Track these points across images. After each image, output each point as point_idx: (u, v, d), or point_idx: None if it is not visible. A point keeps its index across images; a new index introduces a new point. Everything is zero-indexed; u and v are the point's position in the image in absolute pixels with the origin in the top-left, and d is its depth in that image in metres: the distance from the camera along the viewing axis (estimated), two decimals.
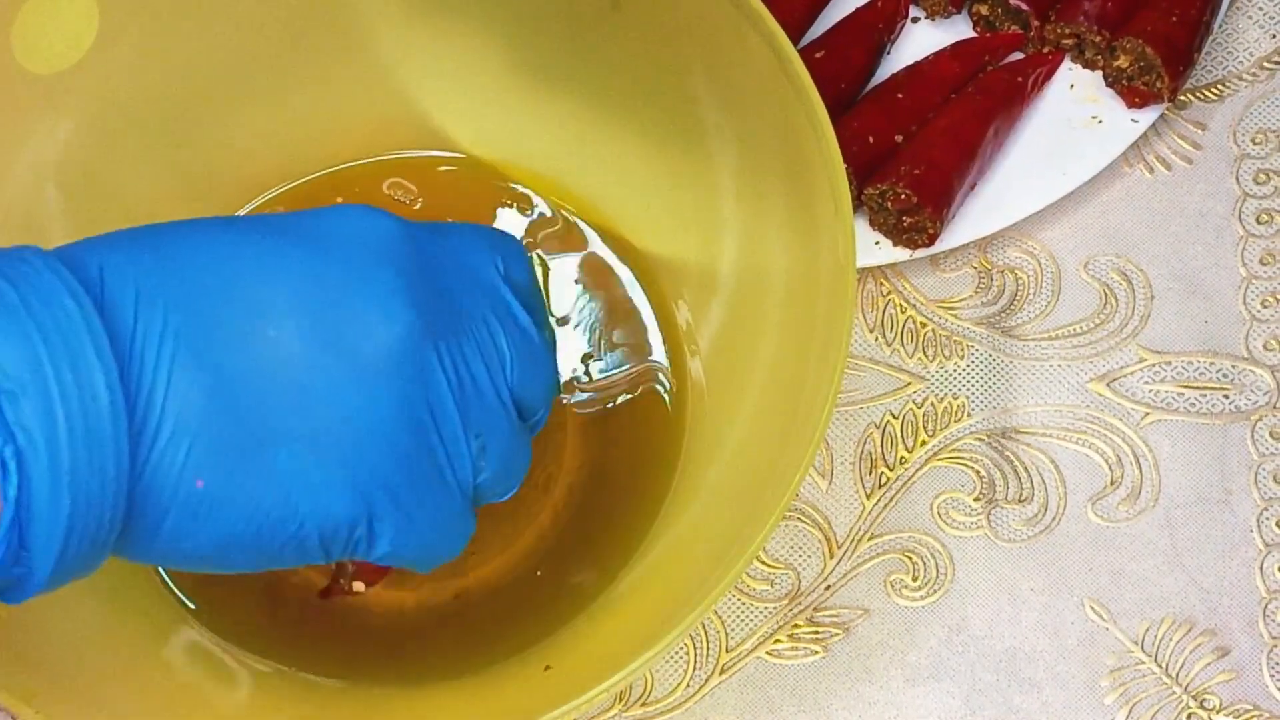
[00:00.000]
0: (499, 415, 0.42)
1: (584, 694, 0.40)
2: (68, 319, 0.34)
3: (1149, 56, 0.61)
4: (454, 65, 0.56)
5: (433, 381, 0.40)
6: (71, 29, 0.49)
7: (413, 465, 0.39)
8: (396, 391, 0.38)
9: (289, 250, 0.39)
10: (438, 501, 0.41)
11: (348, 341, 0.38)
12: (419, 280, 0.40)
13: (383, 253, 0.39)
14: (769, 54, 0.46)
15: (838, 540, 0.58)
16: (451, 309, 0.41)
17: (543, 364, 0.44)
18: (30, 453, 0.33)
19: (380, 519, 0.39)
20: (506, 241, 0.46)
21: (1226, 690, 0.56)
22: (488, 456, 0.42)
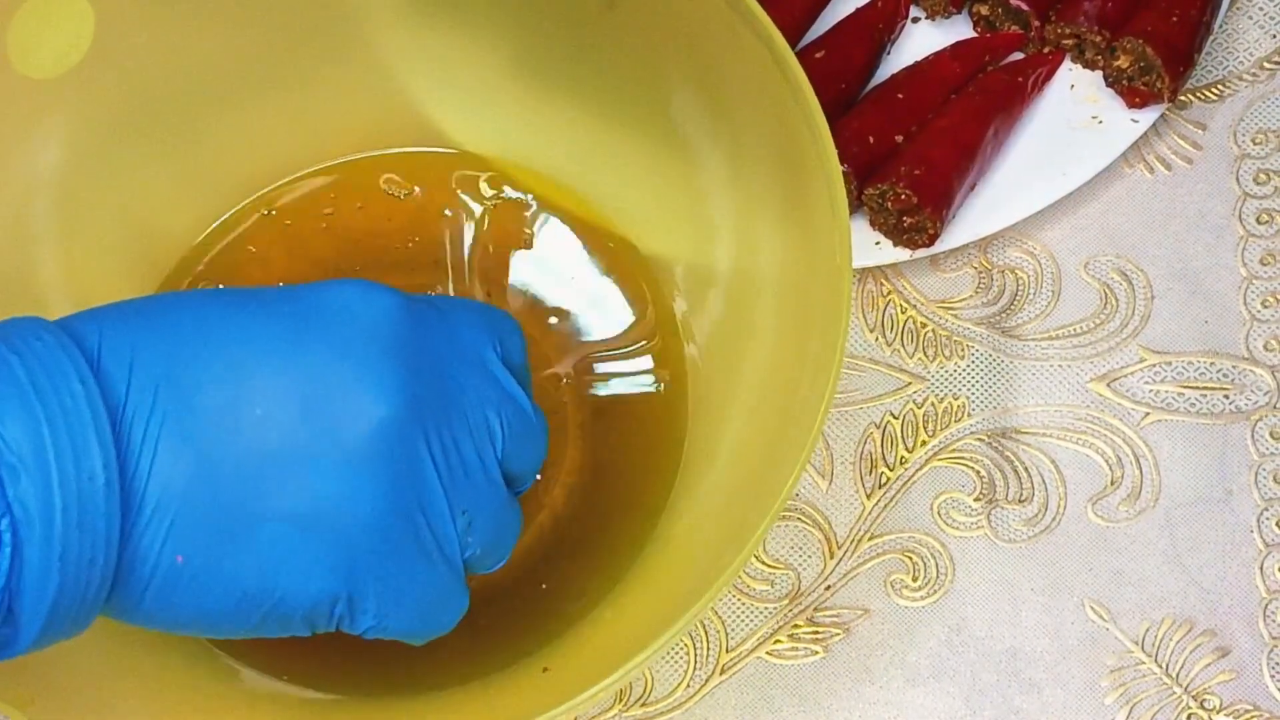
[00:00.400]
0: (487, 493, 0.42)
1: (582, 694, 0.40)
2: (73, 400, 0.35)
3: (1149, 57, 0.61)
4: (451, 64, 0.56)
5: (419, 466, 0.39)
6: (67, 33, 0.49)
7: (397, 547, 0.39)
8: (381, 477, 0.39)
9: (282, 328, 0.39)
10: (425, 580, 0.41)
11: (335, 424, 0.38)
12: (411, 360, 0.40)
13: (375, 332, 0.39)
14: (765, 54, 0.46)
15: (838, 540, 0.58)
16: (443, 388, 0.41)
17: (534, 438, 0.44)
18: (25, 529, 0.34)
19: (364, 597, 0.40)
20: (503, 321, 0.45)
21: (1227, 690, 0.56)
22: (475, 532, 0.42)
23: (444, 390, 0.41)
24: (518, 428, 0.43)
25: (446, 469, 0.40)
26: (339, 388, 0.38)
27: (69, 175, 0.52)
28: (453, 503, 0.41)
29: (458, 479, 0.41)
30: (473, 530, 0.41)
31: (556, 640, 0.51)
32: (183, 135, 0.54)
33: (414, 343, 0.40)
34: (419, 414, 0.39)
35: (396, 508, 0.39)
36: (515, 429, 0.43)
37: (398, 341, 0.40)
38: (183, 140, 0.54)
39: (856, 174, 0.60)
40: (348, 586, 0.39)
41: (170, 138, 0.54)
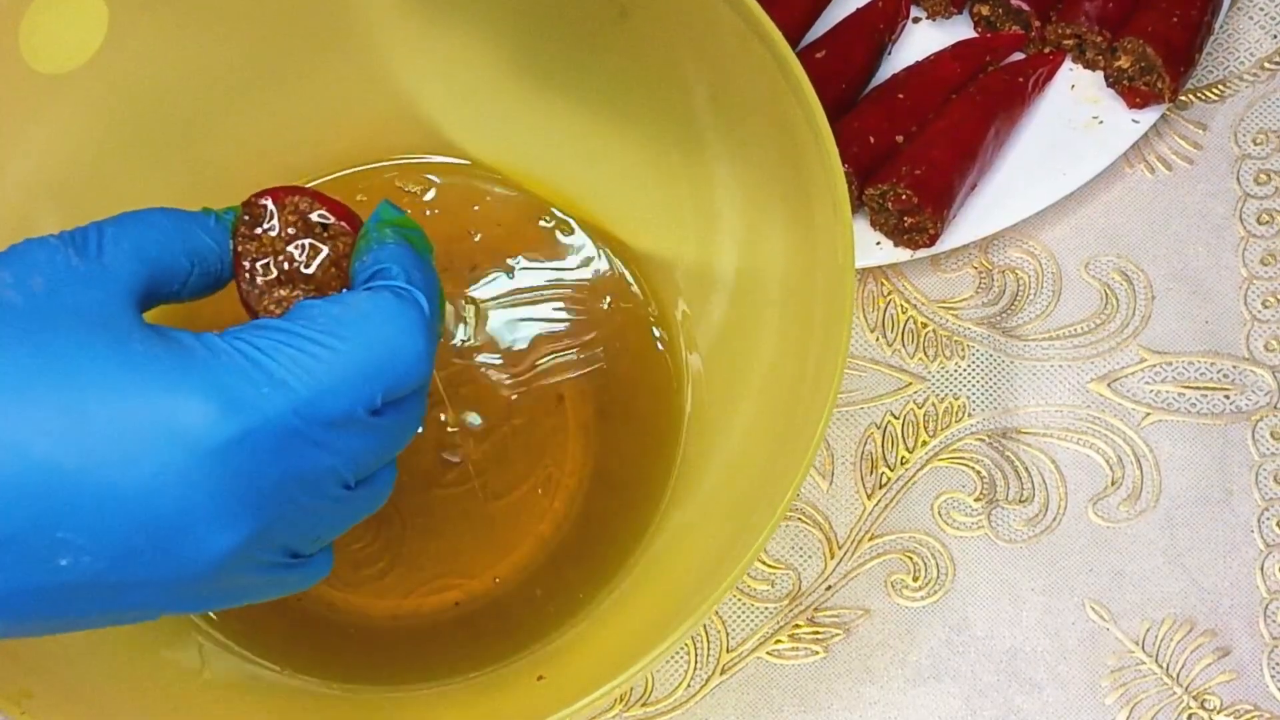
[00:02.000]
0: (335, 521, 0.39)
1: (585, 697, 0.40)
2: None
3: (1150, 57, 0.61)
4: (458, 71, 0.56)
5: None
6: (80, 30, 0.49)
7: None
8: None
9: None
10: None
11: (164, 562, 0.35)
12: (244, 492, 0.36)
13: (202, 470, 0.35)
14: (768, 58, 0.46)
15: (838, 540, 0.58)
16: (283, 506, 0.37)
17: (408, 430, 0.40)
18: None
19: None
20: (396, 352, 0.38)
21: (1227, 690, 0.56)
22: (328, 538, 0.39)
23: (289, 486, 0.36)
24: (383, 449, 0.39)
25: (289, 540, 0.38)
26: (165, 531, 0.35)
27: (72, 173, 0.52)
28: (293, 550, 0.38)
29: (308, 532, 0.38)
30: (322, 540, 0.39)
31: (555, 646, 0.51)
32: (186, 137, 0.54)
33: (256, 464, 0.36)
34: (263, 529, 0.36)
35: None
36: (379, 451, 0.39)
37: (234, 472, 0.35)
38: (186, 142, 0.54)
39: (857, 174, 0.60)
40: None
41: (174, 139, 0.54)
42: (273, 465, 0.36)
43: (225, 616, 0.52)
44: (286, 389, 0.35)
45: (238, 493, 0.35)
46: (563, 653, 0.50)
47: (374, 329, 0.37)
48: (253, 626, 0.52)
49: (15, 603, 0.34)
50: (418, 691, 0.51)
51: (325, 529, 0.39)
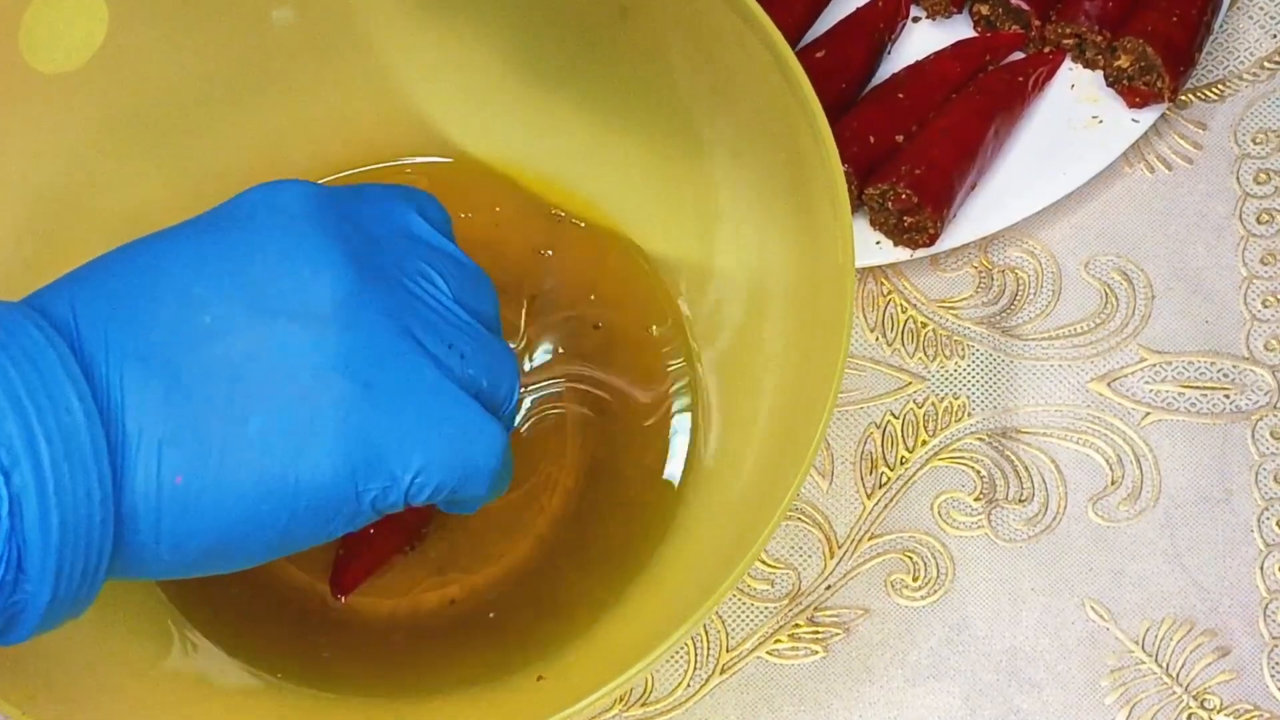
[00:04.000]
0: (458, 323, 0.42)
1: (585, 697, 0.40)
2: (34, 344, 0.35)
3: (1150, 56, 0.61)
4: (460, 69, 0.56)
5: (382, 312, 0.40)
6: (80, 30, 0.49)
7: (394, 392, 0.39)
8: (349, 332, 0.39)
9: (213, 239, 0.40)
10: (442, 414, 0.40)
11: (288, 304, 0.38)
12: (339, 232, 0.40)
13: (306, 216, 0.40)
14: (768, 58, 0.46)
15: (838, 540, 0.58)
16: (376, 250, 0.41)
17: (476, 282, 0.45)
18: (16, 473, 0.34)
19: (387, 455, 0.39)
20: (418, 192, 0.46)
21: (1227, 690, 0.56)
22: (471, 363, 0.42)
23: (378, 252, 0.41)
24: (458, 275, 0.43)
25: (413, 312, 0.41)
26: (283, 272, 0.39)
27: (72, 173, 0.52)
28: (433, 337, 0.41)
29: (427, 318, 0.41)
30: (467, 361, 0.41)
31: (553, 646, 0.51)
32: (186, 137, 0.54)
33: (337, 218, 0.41)
34: (365, 274, 0.40)
35: (378, 354, 0.39)
36: (455, 276, 0.43)
37: (328, 220, 0.40)
38: (186, 142, 0.54)
39: (857, 174, 0.60)
40: (363, 449, 0.39)
41: (174, 139, 0.54)
42: (358, 231, 0.41)
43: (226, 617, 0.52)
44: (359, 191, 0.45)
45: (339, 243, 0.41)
46: (563, 653, 0.50)
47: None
48: (252, 628, 0.52)
49: None
50: (416, 692, 0.51)
51: (445, 331, 0.41)
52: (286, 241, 0.39)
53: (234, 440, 0.37)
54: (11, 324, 0.36)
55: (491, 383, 0.43)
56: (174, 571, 0.39)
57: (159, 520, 0.37)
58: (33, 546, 0.34)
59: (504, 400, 0.44)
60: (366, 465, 0.39)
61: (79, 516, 0.35)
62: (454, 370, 0.41)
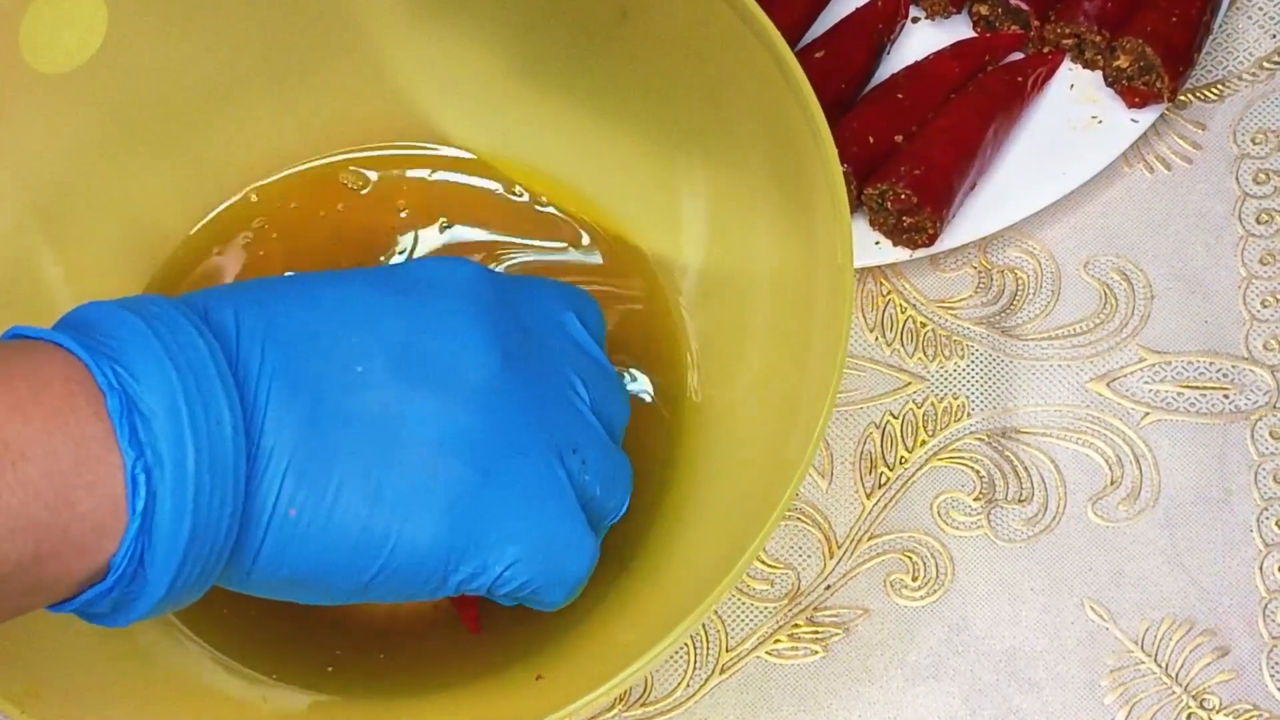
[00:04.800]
0: (589, 429, 0.44)
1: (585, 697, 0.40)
2: (195, 352, 0.36)
3: (1149, 56, 0.61)
4: (460, 68, 0.56)
5: (518, 404, 0.41)
6: (80, 30, 0.49)
7: (510, 484, 0.40)
8: (486, 415, 0.40)
9: (378, 295, 0.41)
10: (546, 518, 0.42)
11: (435, 372, 0.40)
12: (498, 319, 0.42)
13: (467, 293, 0.42)
14: (768, 58, 0.46)
15: (838, 540, 0.58)
16: (528, 343, 0.43)
17: (615, 392, 0.46)
18: (158, 472, 0.35)
19: (483, 543, 0.40)
20: (579, 296, 0.48)
21: (1226, 690, 0.56)
22: (590, 469, 0.43)
23: (529, 345, 0.43)
24: (600, 382, 0.45)
25: (547, 410, 0.42)
26: (436, 341, 0.40)
27: (72, 173, 0.52)
28: (561, 439, 0.42)
29: (561, 418, 0.42)
30: (587, 468, 0.43)
31: (555, 646, 0.51)
32: (186, 136, 0.54)
33: (499, 305, 0.43)
34: (511, 364, 0.41)
35: (504, 445, 0.40)
36: (597, 383, 0.45)
37: (487, 300, 0.42)
38: (186, 141, 0.54)
39: (856, 174, 0.60)
40: (465, 532, 0.40)
41: (174, 138, 0.54)
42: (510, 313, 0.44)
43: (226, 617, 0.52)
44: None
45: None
46: (563, 653, 0.50)
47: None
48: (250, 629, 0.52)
49: None
50: (416, 691, 0.51)
51: (575, 436, 0.43)
52: (447, 315, 0.41)
53: (351, 487, 0.38)
54: (176, 326, 0.36)
55: (605, 492, 0.44)
56: (248, 589, 0.40)
57: (262, 544, 0.38)
58: (159, 546, 0.35)
59: (612, 511, 0.45)
60: (464, 547, 0.40)
61: (208, 525, 0.36)
62: (573, 474, 0.42)
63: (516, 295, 0.44)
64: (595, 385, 0.45)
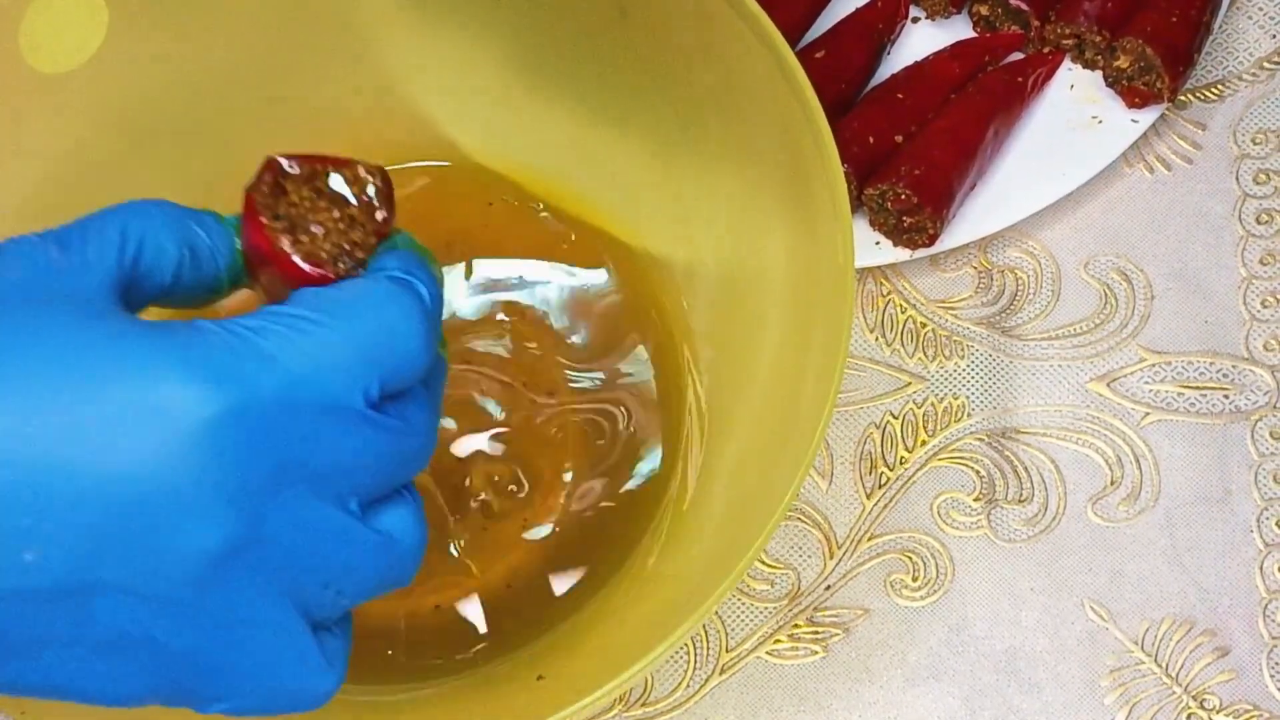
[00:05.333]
0: (349, 548, 0.35)
1: (585, 697, 0.40)
2: None
3: (1149, 57, 0.61)
4: (459, 68, 0.56)
5: (245, 569, 0.33)
6: (80, 30, 0.49)
7: (224, 656, 0.34)
8: (193, 593, 0.33)
9: (71, 437, 0.32)
10: (266, 678, 0.35)
11: (132, 564, 0.32)
12: (238, 475, 0.33)
13: (188, 448, 0.32)
14: (768, 58, 0.46)
15: (838, 540, 0.58)
16: (284, 480, 0.34)
17: (410, 442, 0.36)
18: None
19: (195, 700, 0.35)
20: (389, 336, 0.36)
21: (1226, 690, 0.56)
22: (348, 593, 0.36)
23: (280, 485, 0.34)
24: (388, 448, 0.36)
25: (293, 554, 0.34)
26: (141, 521, 0.32)
27: (72, 173, 0.52)
28: (308, 583, 0.35)
29: (310, 559, 0.34)
30: (344, 595, 0.36)
31: (555, 646, 0.51)
32: (186, 137, 0.54)
33: (244, 450, 0.33)
34: (244, 523, 0.33)
35: (220, 618, 0.34)
36: (386, 452, 0.35)
37: (219, 456, 0.32)
38: (185, 142, 0.54)
39: (856, 174, 0.60)
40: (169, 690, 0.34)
41: (173, 139, 0.54)
42: (263, 454, 0.33)
43: None
44: (275, 364, 0.33)
45: (224, 482, 0.32)
46: (563, 653, 0.50)
47: (371, 309, 0.35)
48: None
49: None
50: (416, 692, 0.51)
51: (333, 570, 0.35)
52: (156, 479, 0.32)
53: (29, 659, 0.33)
54: None
55: (377, 589, 0.37)
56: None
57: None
58: None
59: (395, 581, 0.37)
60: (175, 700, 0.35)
61: None
62: (325, 607, 0.35)
63: (273, 425, 0.33)
64: (373, 468, 0.35)
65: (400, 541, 0.37)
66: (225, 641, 0.34)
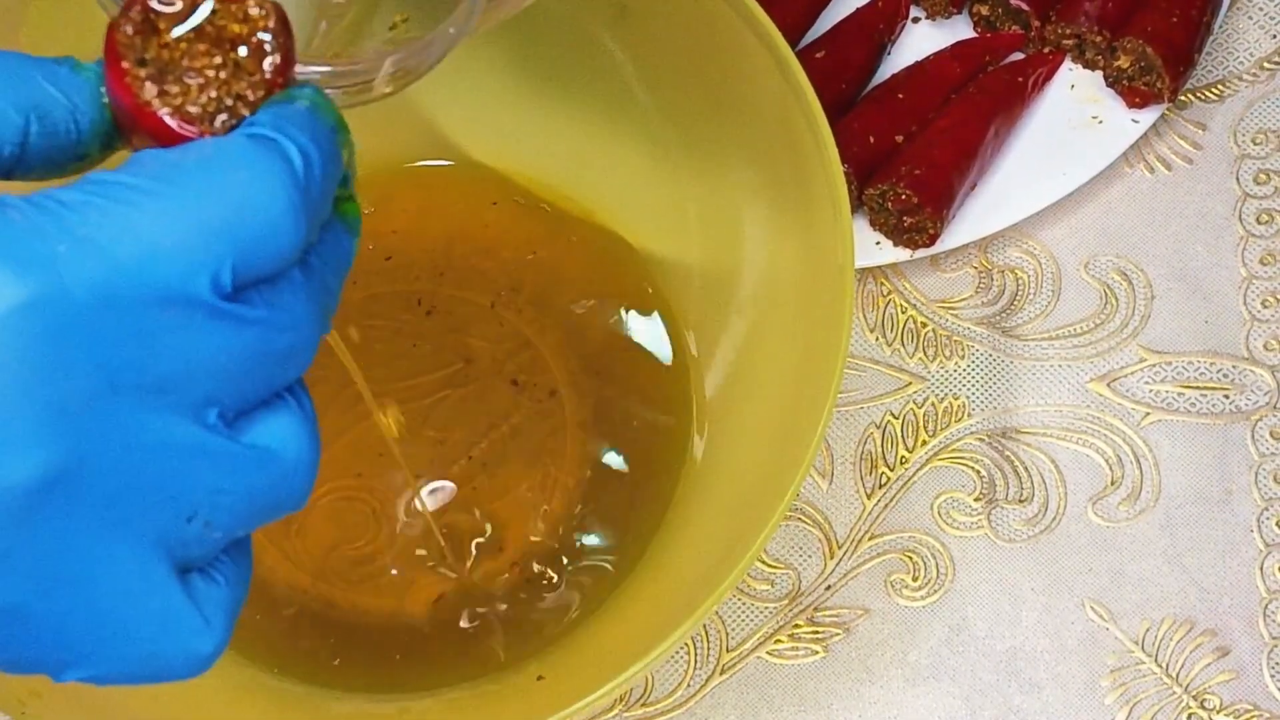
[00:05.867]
0: (214, 468, 0.29)
1: (585, 697, 0.40)
2: None
3: (1149, 57, 0.61)
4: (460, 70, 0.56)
5: (85, 504, 0.28)
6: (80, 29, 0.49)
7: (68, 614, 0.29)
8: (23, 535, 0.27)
9: None
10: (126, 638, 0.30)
11: None
12: (58, 376, 0.27)
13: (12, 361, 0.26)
14: (768, 58, 0.46)
15: (838, 540, 0.58)
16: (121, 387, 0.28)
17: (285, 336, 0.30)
18: None
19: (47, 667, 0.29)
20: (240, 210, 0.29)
21: (1226, 690, 0.56)
22: (219, 523, 0.30)
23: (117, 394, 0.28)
24: (247, 357, 0.29)
25: (143, 483, 0.28)
26: None
27: None
28: (167, 517, 0.29)
29: (168, 485, 0.29)
30: (214, 524, 0.30)
31: (555, 646, 0.51)
32: None
33: (54, 354, 0.27)
34: (76, 447, 0.27)
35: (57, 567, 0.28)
36: (241, 360, 0.29)
37: (22, 364, 0.26)
38: None
39: (857, 174, 0.60)
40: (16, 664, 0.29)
41: None
42: (81, 360, 0.26)
43: None
44: (94, 247, 0.27)
45: (31, 397, 0.26)
46: (563, 653, 0.50)
47: (218, 175, 0.28)
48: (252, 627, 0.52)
49: None
50: (416, 691, 0.51)
51: (195, 498, 0.29)
52: None
53: None
54: None
55: (253, 520, 0.31)
56: None
57: None
58: None
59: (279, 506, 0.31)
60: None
61: None
62: (189, 545, 0.29)
63: (92, 323, 0.27)
64: (240, 362, 0.29)
65: (280, 455, 0.30)
66: (62, 597, 0.28)
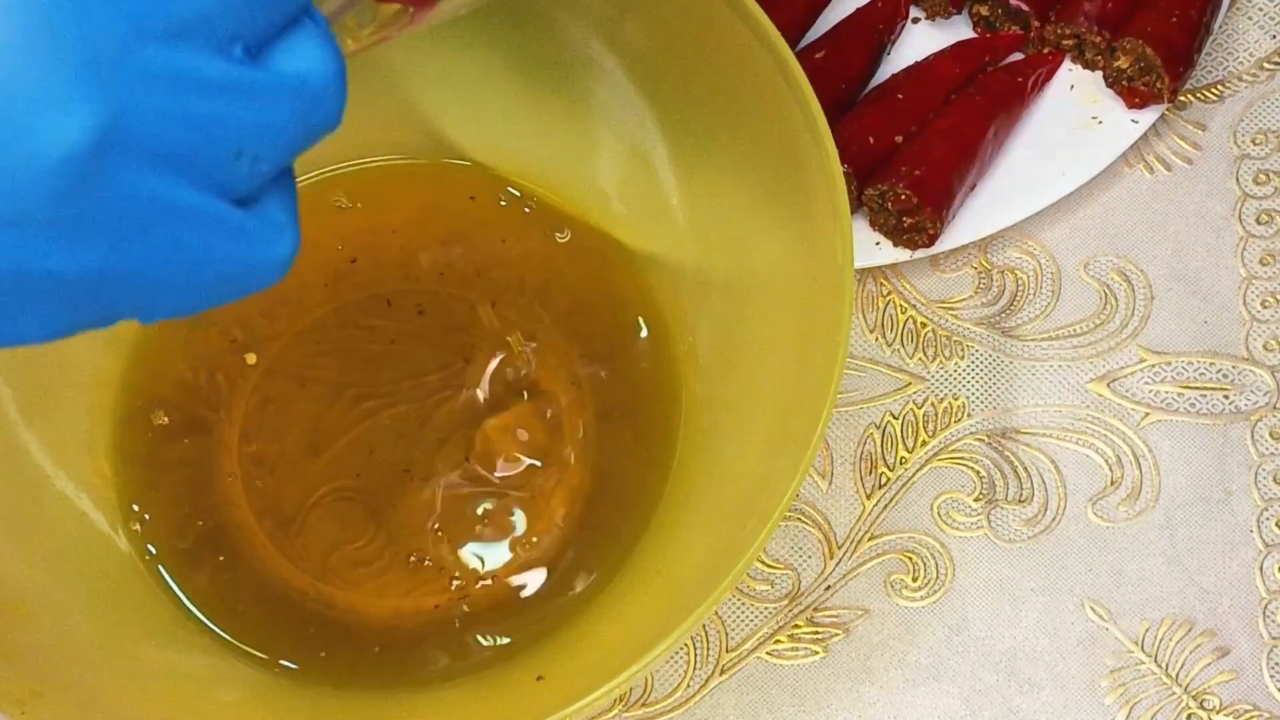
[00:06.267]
0: (250, 105, 0.29)
1: (585, 697, 0.40)
2: None
3: (1149, 57, 0.61)
4: (458, 69, 0.56)
5: (133, 162, 0.28)
6: None
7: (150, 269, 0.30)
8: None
9: None
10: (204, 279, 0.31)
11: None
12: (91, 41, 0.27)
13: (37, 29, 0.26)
14: (768, 58, 0.46)
15: (838, 540, 0.58)
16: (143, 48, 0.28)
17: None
18: None
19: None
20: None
21: (1226, 690, 0.56)
22: (265, 157, 0.31)
23: (142, 48, 0.27)
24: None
25: (189, 155, 0.29)
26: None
27: None
28: (220, 157, 0.29)
29: (209, 137, 0.29)
30: (262, 158, 0.30)
31: (555, 646, 0.51)
32: None
33: (82, 9, 0.27)
34: (123, 119, 0.27)
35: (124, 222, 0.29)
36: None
37: (50, 22, 0.26)
38: None
39: (856, 174, 0.60)
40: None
41: None
42: (105, 8, 0.27)
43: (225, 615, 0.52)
44: None
45: (67, 53, 0.26)
46: (563, 653, 0.50)
47: None
48: (252, 626, 0.52)
49: None
50: (417, 691, 0.51)
51: (241, 134, 0.30)
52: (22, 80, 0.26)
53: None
54: None
55: (300, 139, 0.32)
56: None
57: None
58: None
59: (320, 128, 0.32)
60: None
61: None
62: (243, 181, 0.30)
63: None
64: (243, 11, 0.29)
65: (309, 77, 0.31)
66: (141, 246, 0.29)
